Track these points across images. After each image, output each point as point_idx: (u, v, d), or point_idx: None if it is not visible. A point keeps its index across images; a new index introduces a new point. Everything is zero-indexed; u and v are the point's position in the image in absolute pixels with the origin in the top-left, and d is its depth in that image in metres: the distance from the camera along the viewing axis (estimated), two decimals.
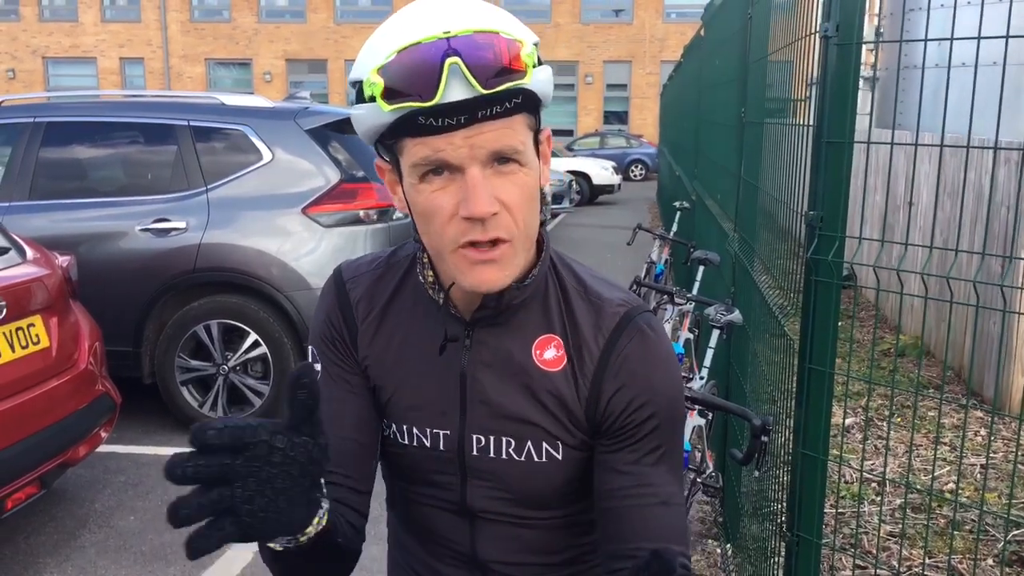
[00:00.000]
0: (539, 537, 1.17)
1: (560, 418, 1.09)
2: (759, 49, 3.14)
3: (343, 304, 1.17)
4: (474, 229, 0.97)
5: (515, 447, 1.10)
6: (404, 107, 0.92)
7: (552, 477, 1.12)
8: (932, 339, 6.33)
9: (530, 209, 1.01)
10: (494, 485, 1.13)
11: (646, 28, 31.21)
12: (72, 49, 32.22)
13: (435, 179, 0.97)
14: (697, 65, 7.08)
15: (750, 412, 2.28)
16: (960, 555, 3.46)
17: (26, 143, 5.12)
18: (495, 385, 1.10)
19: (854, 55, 1.79)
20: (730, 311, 3.31)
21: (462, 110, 0.92)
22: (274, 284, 4.81)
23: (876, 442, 4.64)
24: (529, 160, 0.99)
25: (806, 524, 2.04)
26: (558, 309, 1.11)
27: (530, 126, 1.00)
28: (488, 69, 0.91)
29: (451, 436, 1.12)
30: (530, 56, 0.94)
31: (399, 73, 0.92)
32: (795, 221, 2.12)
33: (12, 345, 3.36)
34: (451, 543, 1.18)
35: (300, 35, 31.72)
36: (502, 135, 0.95)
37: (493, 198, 0.96)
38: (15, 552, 3.63)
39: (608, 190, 19.46)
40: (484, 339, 1.10)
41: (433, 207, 0.98)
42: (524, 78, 0.93)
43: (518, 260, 1.02)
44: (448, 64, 0.90)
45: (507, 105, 0.94)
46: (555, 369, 1.09)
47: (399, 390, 1.14)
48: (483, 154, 0.95)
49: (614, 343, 1.08)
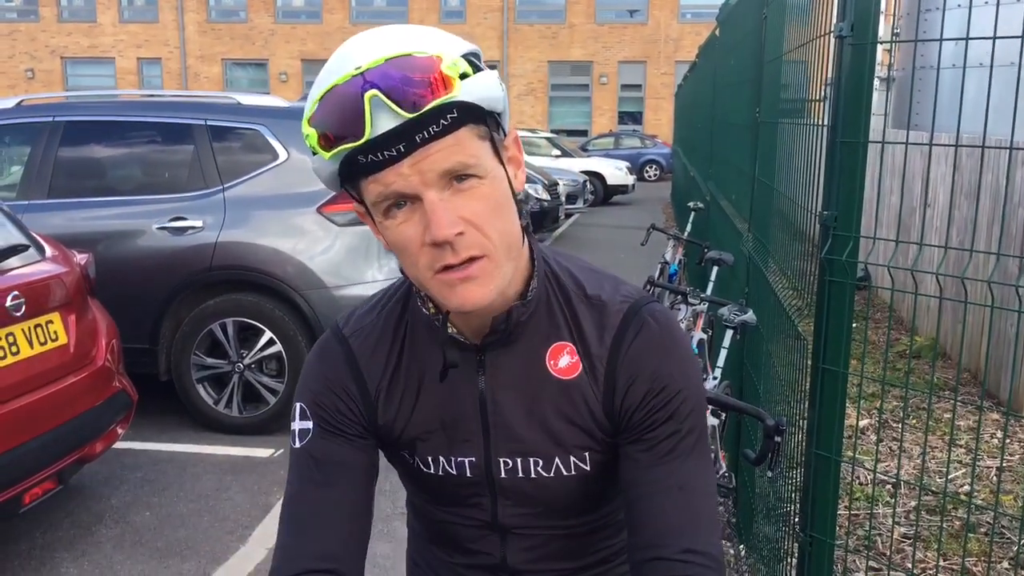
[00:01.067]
0: (570, 543, 1.17)
1: (583, 426, 1.08)
2: (774, 49, 3.14)
3: (349, 363, 1.13)
4: (444, 253, 0.95)
5: (543, 465, 1.10)
6: (341, 150, 0.91)
7: (583, 487, 1.12)
8: (948, 341, 6.29)
9: (501, 219, 0.98)
10: (525, 502, 1.13)
11: (661, 28, 31.14)
12: (90, 49, 32.45)
13: (398, 212, 0.95)
14: (712, 65, 7.07)
15: (764, 412, 2.27)
16: (975, 557, 3.44)
17: (45, 142, 5.17)
18: (515, 406, 1.09)
19: (869, 55, 1.79)
20: (744, 311, 3.31)
21: (398, 139, 0.90)
22: (289, 283, 4.83)
23: (890, 444, 4.62)
24: (488, 171, 0.96)
25: (820, 525, 2.04)
26: (563, 315, 1.10)
27: (481, 136, 0.96)
28: (407, 92, 0.89)
29: (477, 462, 1.11)
30: (453, 67, 0.90)
31: (326, 119, 0.91)
32: (809, 221, 2.12)
33: (31, 341, 3.39)
34: (481, 553, 1.19)
35: (316, 35, 31.83)
36: (449, 153, 0.92)
37: (456, 219, 0.94)
38: (32, 547, 3.67)
39: (622, 190, 19.44)
40: (497, 361, 1.09)
41: (402, 240, 0.96)
42: (451, 91, 0.90)
43: (503, 271, 0.99)
44: (368, 98, 0.88)
45: (443, 122, 0.91)
46: (572, 376, 1.08)
47: (419, 424, 1.12)
48: (433, 177, 0.92)
49: (621, 340, 1.07)
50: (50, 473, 3.37)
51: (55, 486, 3.46)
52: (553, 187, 12.88)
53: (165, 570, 3.49)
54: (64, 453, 3.45)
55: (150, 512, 4.00)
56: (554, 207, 12.69)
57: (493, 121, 0.97)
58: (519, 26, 30.95)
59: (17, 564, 3.53)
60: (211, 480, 4.35)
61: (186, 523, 3.90)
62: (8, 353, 3.26)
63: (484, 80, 0.94)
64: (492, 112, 0.96)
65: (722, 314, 3.38)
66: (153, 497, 4.16)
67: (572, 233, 14.15)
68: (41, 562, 3.55)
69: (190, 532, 3.81)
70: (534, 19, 31.24)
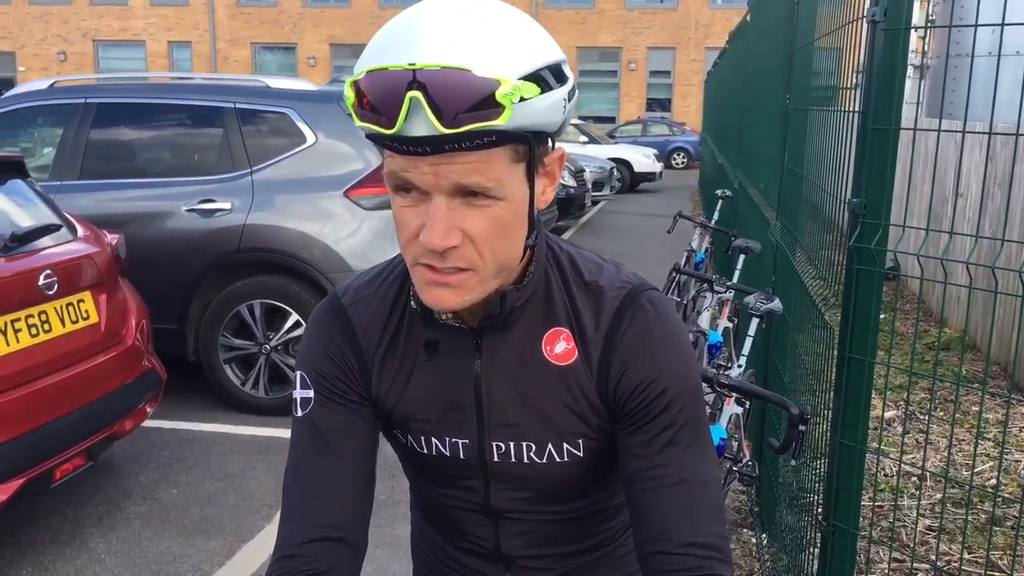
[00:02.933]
0: (563, 529, 1.17)
1: (578, 412, 1.08)
2: (806, 35, 3.10)
3: (346, 333, 1.12)
4: (432, 256, 0.94)
5: (536, 451, 1.09)
6: (369, 128, 0.90)
7: (575, 474, 1.11)
8: (977, 333, 6.22)
9: (504, 240, 0.96)
10: (517, 487, 1.13)
11: (691, 14, 30.87)
12: (122, 32, 32.72)
13: (406, 195, 0.94)
14: (742, 52, 7.00)
15: (788, 401, 2.27)
16: (1000, 551, 3.41)
17: (77, 124, 5.24)
18: (510, 390, 1.08)
19: (902, 40, 1.77)
20: (770, 300, 3.29)
21: (426, 141, 0.87)
22: (316, 266, 4.86)
23: (916, 436, 4.58)
24: (508, 193, 0.93)
25: (843, 514, 2.03)
26: (562, 301, 1.08)
27: (516, 157, 0.93)
28: (454, 107, 0.85)
29: (470, 445, 1.11)
30: (510, 95, 0.86)
31: (367, 94, 0.89)
32: (839, 210, 2.10)
33: (63, 320, 3.44)
34: (475, 539, 1.19)
35: (344, 19, 31.88)
36: (473, 169, 0.89)
37: (454, 230, 0.92)
38: (63, 522, 3.73)
39: (649, 178, 19.33)
40: (493, 345, 1.08)
41: (401, 222, 0.96)
42: (497, 119, 0.86)
43: (485, 287, 0.98)
44: (409, 97, 0.85)
45: (478, 142, 0.88)
46: (567, 362, 1.07)
47: (414, 403, 1.12)
48: (448, 184, 0.90)
49: (616, 327, 1.06)
50: (80, 450, 3.43)
51: (85, 462, 3.52)
52: (580, 174, 12.82)
53: (191, 547, 3.55)
54: (94, 430, 3.50)
55: (177, 490, 4.06)
56: (580, 194, 12.64)
57: (541, 138, 0.95)
58: (548, 11, 30.77)
59: (48, 538, 3.59)
60: (237, 460, 4.40)
61: (212, 501, 3.95)
62: (41, 331, 3.32)
63: (544, 105, 0.90)
64: (542, 132, 0.94)
65: (748, 302, 3.36)
66: (181, 475, 4.21)
67: (598, 220, 14.11)
68: (71, 536, 3.61)
69: (216, 510, 3.86)
70: (563, 4, 31.07)
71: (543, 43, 0.93)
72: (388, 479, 3.97)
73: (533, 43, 0.92)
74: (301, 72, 31.26)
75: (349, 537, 1.08)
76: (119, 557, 3.47)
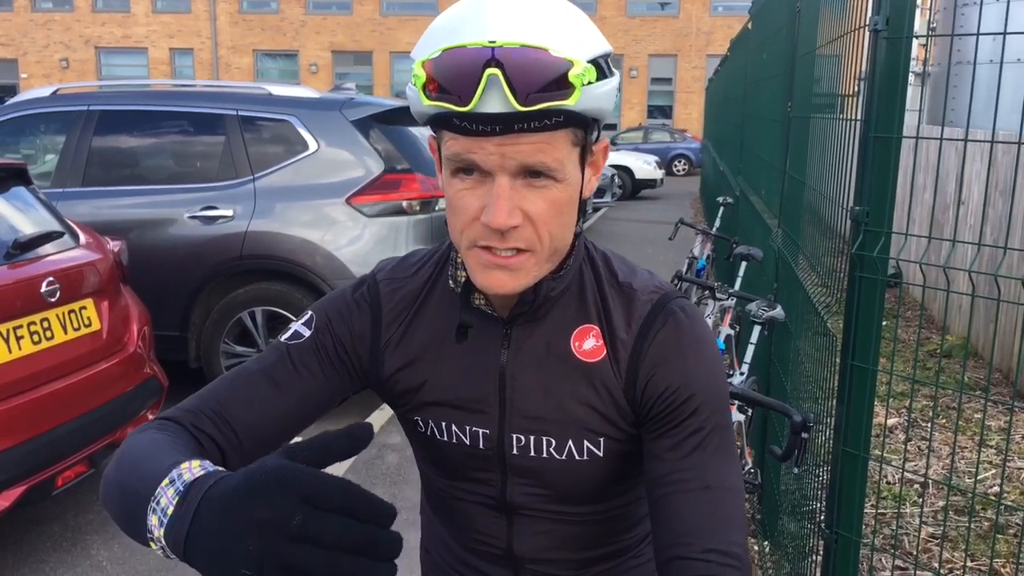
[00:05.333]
0: (577, 533, 1.16)
1: (602, 411, 1.07)
2: (807, 43, 3.11)
3: (373, 306, 1.14)
4: (493, 236, 0.95)
5: (556, 446, 1.09)
6: (441, 107, 0.91)
7: (593, 474, 1.11)
8: (979, 341, 6.21)
9: (559, 223, 0.99)
10: (535, 482, 1.12)
11: (692, 21, 30.94)
12: (124, 39, 32.81)
13: (466, 178, 0.96)
14: (744, 59, 7.02)
15: (791, 408, 2.26)
16: (1003, 559, 3.41)
17: (80, 131, 5.25)
18: (535, 383, 1.08)
19: (904, 49, 1.77)
20: (772, 307, 3.29)
21: (497, 120, 0.90)
22: (318, 273, 4.87)
23: (919, 443, 4.58)
24: (567, 176, 0.96)
25: (846, 522, 2.03)
26: (594, 299, 1.09)
27: (575, 141, 0.96)
28: (529, 85, 0.88)
29: (490, 435, 1.11)
30: (579, 77, 0.90)
31: (441, 72, 0.91)
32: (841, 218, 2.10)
33: (65, 327, 3.44)
34: (487, 538, 1.18)
35: (346, 27, 31.96)
36: (538, 150, 0.92)
37: (517, 210, 0.94)
38: (64, 529, 3.73)
39: (650, 185, 19.35)
40: (522, 335, 1.08)
41: (459, 205, 0.97)
42: (568, 99, 0.90)
43: (541, 269, 1.01)
44: (487, 74, 0.88)
45: (547, 122, 0.91)
46: (595, 360, 1.08)
47: (437, 388, 1.12)
48: (513, 165, 0.93)
49: (647, 330, 1.07)
50: (82, 457, 3.42)
51: (87, 469, 3.52)
52: None
53: None
54: (96, 437, 3.50)
55: None
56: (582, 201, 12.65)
57: (595, 125, 0.98)
58: None
59: (49, 545, 3.59)
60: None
61: None
62: (43, 338, 3.32)
63: (604, 90, 0.94)
64: (597, 119, 0.97)
65: (750, 310, 3.36)
66: None
67: (600, 227, 14.11)
68: (72, 543, 3.61)
69: None
70: None
71: (598, 32, 0.97)
72: (390, 486, 3.96)
73: (593, 30, 0.96)
74: (303, 79, 31.34)
75: (242, 442, 1.05)
76: (120, 564, 3.46)
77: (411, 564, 1.56)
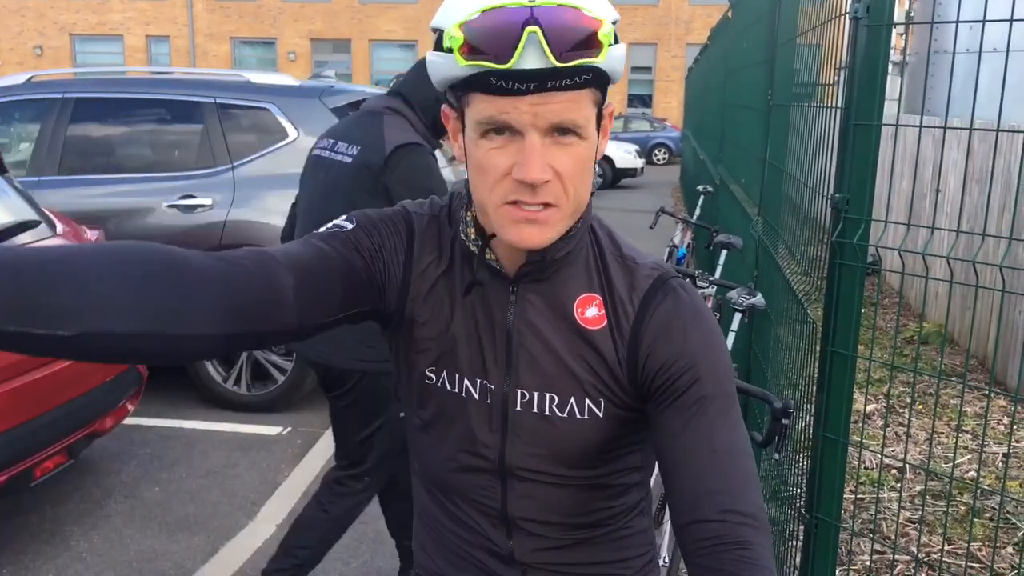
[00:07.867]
0: (571, 496, 1.18)
1: (603, 376, 1.12)
2: (788, 31, 3.12)
3: (409, 232, 1.17)
4: (523, 192, 1.00)
5: (558, 403, 1.13)
6: (479, 65, 0.95)
7: (593, 434, 1.14)
8: (956, 328, 6.28)
9: (582, 180, 1.04)
10: (534, 441, 1.15)
11: (672, 10, 30.95)
12: (99, 26, 32.41)
13: (496, 138, 1.00)
14: (724, 48, 7.03)
15: (771, 395, 2.28)
16: (980, 542, 3.45)
17: (55, 119, 5.18)
18: (540, 341, 1.13)
19: (884, 36, 1.78)
20: (752, 295, 3.31)
21: (533, 78, 0.95)
22: None
23: (897, 429, 4.63)
24: (590, 134, 1.02)
25: (826, 507, 2.05)
26: (596, 270, 1.15)
27: (595, 101, 1.02)
28: (565, 42, 0.94)
29: (496, 390, 1.14)
30: (607, 36, 0.96)
31: (480, 32, 0.95)
32: (821, 205, 2.12)
33: None
34: (481, 500, 1.20)
35: (324, 14, 31.73)
36: (567, 108, 0.98)
37: (547, 166, 0.99)
38: (43, 520, 3.70)
39: (631, 174, 19.38)
40: (529, 295, 1.13)
41: (488, 164, 1.01)
42: (598, 56, 0.96)
43: (564, 225, 1.05)
44: (527, 32, 0.93)
45: (577, 79, 0.96)
46: (597, 327, 1.12)
47: (452, 339, 1.16)
48: (544, 123, 0.98)
49: (648, 303, 1.11)
50: (60, 447, 3.40)
51: (65, 460, 3.49)
52: None
53: (174, 544, 3.53)
54: (74, 428, 3.47)
55: (159, 487, 4.04)
56: None
57: (607, 88, 1.04)
58: None
59: (28, 536, 3.56)
60: (219, 457, 4.38)
61: (195, 499, 3.93)
62: None
63: (620, 52, 1.00)
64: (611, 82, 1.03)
65: (730, 297, 3.37)
66: (162, 473, 4.19)
67: None
68: (52, 535, 3.58)
69: (199, 507, 3.85)
70: None
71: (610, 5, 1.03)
72: None
73: (606, 2, 1.01)
74: (281, 67, 31.09)
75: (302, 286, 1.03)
76: (101, 555, 3.44)
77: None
